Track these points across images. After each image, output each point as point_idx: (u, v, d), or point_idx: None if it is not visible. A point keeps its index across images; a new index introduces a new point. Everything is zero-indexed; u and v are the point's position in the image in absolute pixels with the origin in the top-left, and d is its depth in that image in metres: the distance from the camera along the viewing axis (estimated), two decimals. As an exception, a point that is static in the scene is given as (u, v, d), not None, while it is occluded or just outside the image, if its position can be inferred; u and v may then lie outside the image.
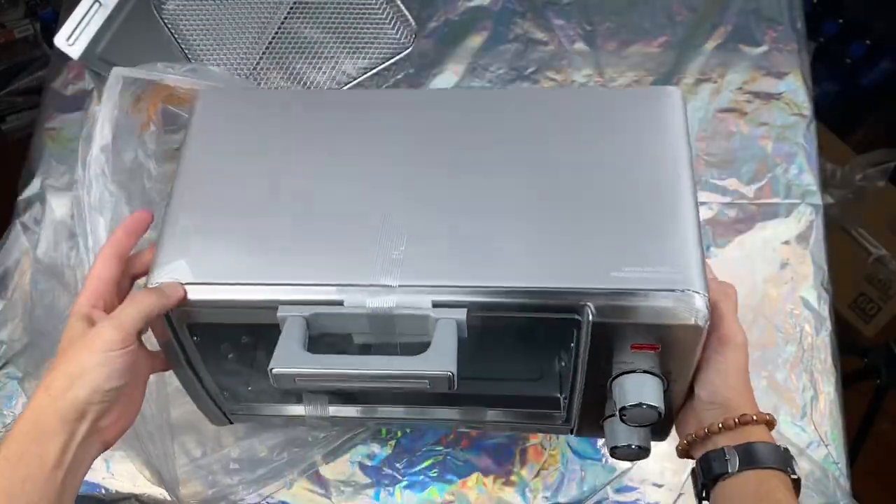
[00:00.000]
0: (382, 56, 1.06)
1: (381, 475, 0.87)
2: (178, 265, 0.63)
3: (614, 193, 0.64)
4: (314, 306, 0.60)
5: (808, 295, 0.97)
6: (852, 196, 1.67)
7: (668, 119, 0.69)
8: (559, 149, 0.68)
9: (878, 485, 1.62)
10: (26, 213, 0.98)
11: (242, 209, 0.67)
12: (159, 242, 0.65)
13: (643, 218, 0.63)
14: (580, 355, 0.63)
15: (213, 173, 0.69)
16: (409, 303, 0.60)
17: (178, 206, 0.67)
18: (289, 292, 0.61)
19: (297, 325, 0.60)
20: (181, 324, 0.64)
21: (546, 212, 0.64)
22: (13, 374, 0.90)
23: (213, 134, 0.71)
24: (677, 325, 0.59)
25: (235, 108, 0.74)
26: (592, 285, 0.59)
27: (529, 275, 0.61)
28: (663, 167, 0.66)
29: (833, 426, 0.91)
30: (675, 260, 0.60)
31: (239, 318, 0.64)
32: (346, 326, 0.61)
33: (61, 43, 1.04)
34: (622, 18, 1.14)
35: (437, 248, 0.62)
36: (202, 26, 1.05)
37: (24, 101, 1.76)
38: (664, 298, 0.58)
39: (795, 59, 1.12)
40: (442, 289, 0.60)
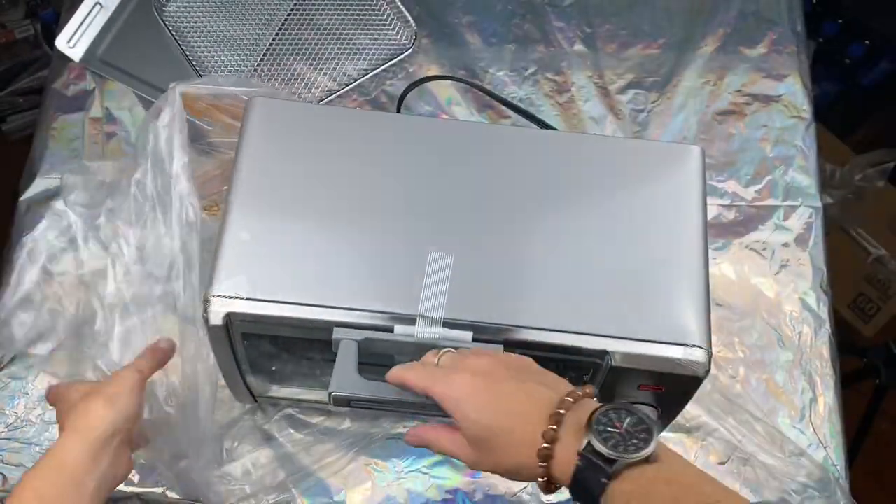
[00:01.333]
0: (383, 57, 1.06)
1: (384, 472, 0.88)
2: (238, 281, 0.67)
3: (636, 248, 0.71)
4: (367, 331, 0.66)
5: (807, 297, 0.98)
6: (852, 196, 1.67)
7: (688, 179, 0.75)
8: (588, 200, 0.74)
9: (878, 485, 1.63)
10: (28, 213, 0.98)
11: (298, 227, 0.71)
12: (217, 254, 0.68)
13: (659, 274, 0.70)
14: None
15: (267, 187, 0.72)
16: (453, 336, 0.66)
17: (236, 220, 0.70)
18: (343, 316, 0.67)
19: (351, 348, 0.65)
20: (237, 332, 0.69)
21: (575, 260, 0.70)
22: (15, 375, 0.90)
23: (267, 146, 0.74)
24: (682, 375, 0.67)
25: (287, 121, 0.76)
26: (615, 334, 0.67)
27: (561, 319, 0.68)
28: (681, 227, 0.72)
29: (832, 428, 0.92)
30: (685, 316, 0.68)
31: (291, 332, 0.69)
32: (393, 350, 0.67)
33: (62, 45, 1.04)
34: (622, 20, 1.14)
35: (479, 285, 0.68)
36: (203, 28, 1.06)
37: (24, 101, 1.76)
38: (674, 351, 0.66)
39: (795, 62, 1.12)
40: (484, 326, 0.67)
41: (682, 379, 0.68)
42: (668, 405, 0.74)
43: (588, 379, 0.70)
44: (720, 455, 0.89)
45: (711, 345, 0.68)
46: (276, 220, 0.71)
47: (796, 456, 0.89)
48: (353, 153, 0.75)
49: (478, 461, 0.59)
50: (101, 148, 1.01)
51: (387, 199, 0.73)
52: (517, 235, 0.71)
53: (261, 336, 0.71)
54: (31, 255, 0.95)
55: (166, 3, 1.06)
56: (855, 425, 1.44)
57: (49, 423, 0.87)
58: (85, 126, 1.03)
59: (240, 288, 0.67)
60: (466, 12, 1.13)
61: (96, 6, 1.06)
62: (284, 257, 0.69)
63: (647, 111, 1.08)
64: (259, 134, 0.75)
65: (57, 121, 1.03)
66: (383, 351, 0.67)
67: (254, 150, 0.74)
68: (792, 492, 0.88)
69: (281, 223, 0.71)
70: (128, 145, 1.01)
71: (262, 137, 0.74)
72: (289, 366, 0.81)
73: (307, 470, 0.87)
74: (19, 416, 0.88)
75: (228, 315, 0.67)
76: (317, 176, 0.73)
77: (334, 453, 0.88)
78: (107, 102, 1.04)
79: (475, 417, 0.57)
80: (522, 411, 0.57)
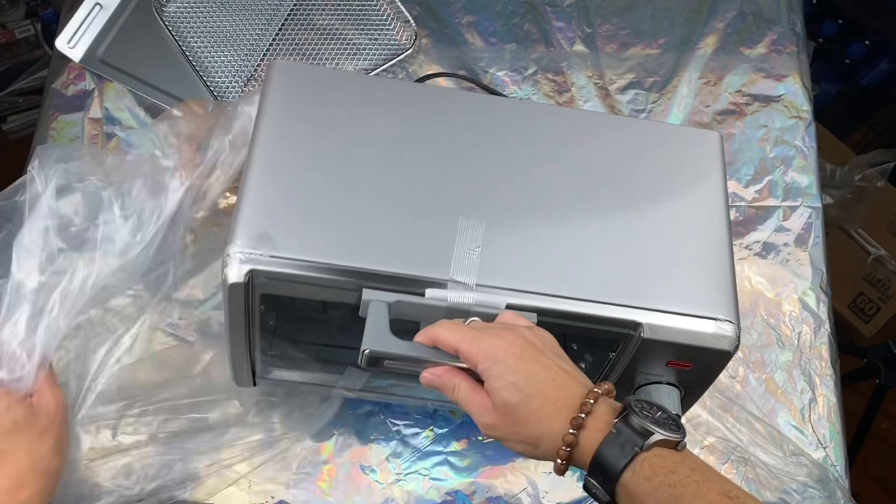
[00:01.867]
0: (383, 57, 1.07)
1: (387, 471, 0.88)
2: (261, 237, 0.63)
3: (664, 224, 0.71)
4: (397, 294, 0.63)
5: (806, 297, 0.98)
6: (851, 196, 1.67)
7: (710, 161, 0.76)
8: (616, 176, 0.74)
9: (878, 485, 1.63)
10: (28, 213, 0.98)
11: (322, 186, 0.67)
12: (238, 209, 0.65)
13: (688, 250, 0.70)
14: (618, 365, 0.70)
15: (290, 147, 0.69)
16: (486, 302, 0.64)
17: (257, 177, 0.67)
18: (373, 277, 0.64)
19: (382, 309, 0.63)
20: (257, 293, 0.65)
21: (608, 231, 0.70)
22: (14, 375, 0.90)
23: (289, 108, 0.71)
24: (712, 350, 0.67)
25: (310, 84, 0.74)
26: (648, 305, 0.66)
27: (594, 290, 0.67)
28: (705, 206, 0.73)
29: (832, 428, 0.92)
30: (715, 291, 0.68)
31: (314, 294, 0.65)
32: (422, 316, 0.64)
33: (62, 46, 1.04)
34: (622, 20, 1.14)
35: (511, 253, 0.67)
36: (203, 28, 1.06)
37: (24, 101, 1.76)
38: (705, 325, 0.66)
39: (794, 62, 1.12)
40: (517, 293, 0.65)
41: (711, 354, 0.67)
42: (693, 385, 0.72)
43: (616, 354, 0.69)
44: (720, 454, 0.89)
45: (740, 320, 0.67)
46: (301, 178, 0.68)
47: (796, 455, 0.89)
48: (380, 118, 0.72)
49: (496, 425, 0.58)
50: (100, 148, 1.01)
51: (415, 165, 0.70)
52: (548, 206, 0.70)
53: (279, 300, 0.67)
54: (31, 256, 0.95)
55: (166, 4, 1.06)
56: (855, 425, 1.44)
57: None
58: (84, 126, 1.03)
59: (264, 244, 0.63)
60: (466, 12, 1.14)
61: (96, 6, 1.06)
62: (310, 216, 0.66)
63: (646, 111, 1.08)
64: (281, 96, 0.72)
65: (56, 121, 1.03)
66: (412, 316, 0.65)
67: (275, 111, 0.71)
68: (792, 491, 0.88)
69: (306, 182, 0.67)
70: (127, 146, 1.01)
71: (284, 99, 0.72)
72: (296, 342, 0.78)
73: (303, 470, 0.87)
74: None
75: (252, 272, 0.63)
76: (342, 138, 0.70)
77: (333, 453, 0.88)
78: (106, 103, 1.04)
79: (511, 380, 0.56)
80: (555, 384, 0.57)
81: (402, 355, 0.61)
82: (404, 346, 0.61)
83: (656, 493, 0.52)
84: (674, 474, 0.53)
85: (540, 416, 0.56)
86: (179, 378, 0.86)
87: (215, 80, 1.03)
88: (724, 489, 0.53)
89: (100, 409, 0.84)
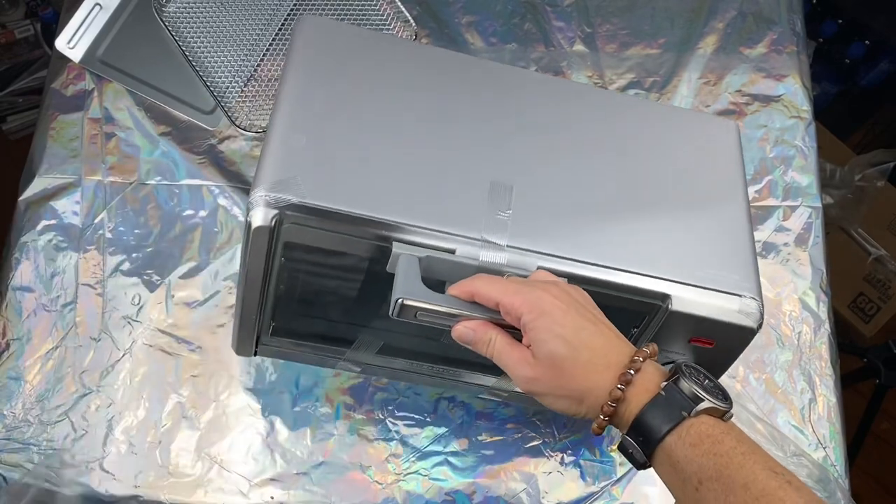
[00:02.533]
0: (382, 58, 1.07)
1: (387, 471, 0.88)
2: (289, 182, 0.61)
3: (689, 202, 0.72)
4: (428, 250, 0.62)
5: (806, 297, 0.98)
6: (851, 196, 1.67)
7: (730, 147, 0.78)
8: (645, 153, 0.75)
9: (878, 485, 1.63)
10: (27, 213, 0.98)
11: (353, 138, 0.66)
12: (263, 156, 0.63)
13: (713, 228, 0.71)
14: (640, 340, 0.69)
15: (319, 97, 0.68)
16: (518, 263, 0.64)
17: (285, 123, 0.65)
18: (405, 231, 0.63)
19: (413, 263, 0.61)
20: (281, 240, 0.63)
21: (636, 205, 0.71)
22: (13, 375, 0.90)
23: (318, 59, 0.70)
24: (737, 325, 0.67)
25: (339, 41, 0.73)
26: (677, 278, 0.67)
27: (625, 258, 0.67)
28: (727, 188, 0.75)
29: (832, 428, 0.92)
30: (740, 269, 0.69)
31: (342, 245, 0.64)
32: (452, 274, 0.63)
33: (62, 46, 1.04)
34: (622, 20, 1.14)
35: (541, 217, 0.67)
36: (203, 29, 1.06)
37: (24, 101, 1.76)
38: (731, 301, 0.67)
39: (795, 62, 1.12)
40: (549, 256, 0.65)
41: (735, 330, 0.67)
42: (714, 365, 0.71)
43: (640, 327, 0.69)
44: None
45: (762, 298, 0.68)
46: (329, 129, 0.66)
47: (797, 456, 0.89)
48: (412, 76, 0.72)
49: (538, 378, 0.56)
50: (99, 148, 1.01)
51: (447, 125, 0.70)
52: (577, 175, 0.71)
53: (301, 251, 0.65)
54: (30, 255, 0.95)
55: (166, 4, 1.06)
56: (855, 425, 1.44)
57: (47, 424, 0.87)
58: (84, 126, 1.03)
59: (291, 189, 0.61)
60: (466, 12, 1.13)
61: (96, 7, 1.06)
62: (339, 166, 0.64)
63: (646, 111, 1.08)
64: (310, 48, 0.70)
65: (56, 121, 1.03)
66: (441, 274, 0.63)
67: (304, 62, 0.69)
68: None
69: (335, 132, 0.66)
70: (127, 146, 1.01)
71: (314, 52, 0.70)
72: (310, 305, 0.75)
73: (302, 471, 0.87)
74: (17, 416, 0.88)
75: (278, 216, 0.60)
76: (373, 92, 0.69)
77: (332, 453, 0.88)
78: (106, 103, 1.04)
79: (559, 331, 0.55)
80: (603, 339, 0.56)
81: (436, 308, 0.59)
82: (439, 298, 0.59)
83: (700, 461, 0.52)
84: (720, 444, 0.52)
85: (588, 369, 0.55)
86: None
87: (215, 80, 1.03)
88: (770, 465, 0.52)
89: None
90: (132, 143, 1.01)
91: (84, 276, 0.94)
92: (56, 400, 0.88)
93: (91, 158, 1.01)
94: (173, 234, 0.97)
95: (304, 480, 0.87)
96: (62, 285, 0.94)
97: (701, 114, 0.95)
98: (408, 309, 0.59)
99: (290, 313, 0.75)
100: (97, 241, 0.96)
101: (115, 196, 0.98)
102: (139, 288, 0.94)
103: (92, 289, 0.93)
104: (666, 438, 0.53)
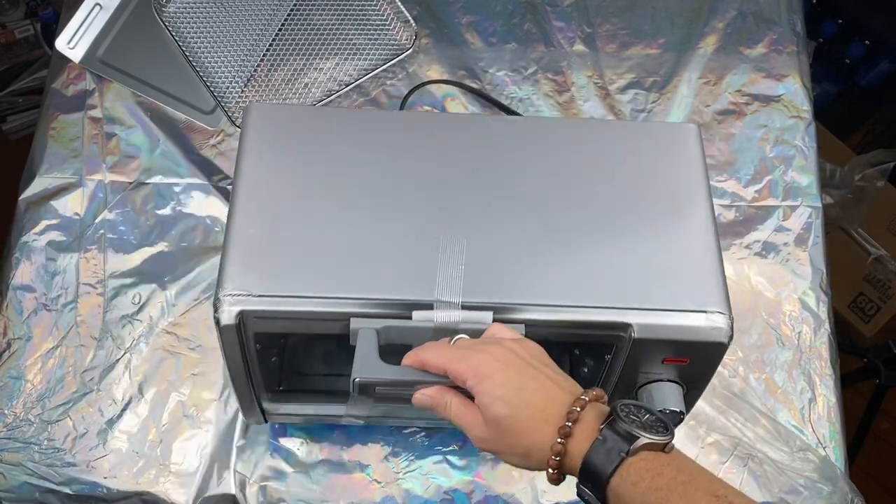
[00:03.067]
0: (383, 57, 1.07)
1: (386, 470, 0.88)
2: (248, 278, 0.65)
3: (644, 222, 0.71)
4: (385, 319, 0.65)
5: (806, 297, 0.98)
6: (851, 196, 1.67)
7: (688, 154, 0.75)
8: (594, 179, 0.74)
9: (878, 485, 1.63)
10: (28, 213, 0.98)
11: (306, 221, 0.69)
12: (225, 253, 0.67)
13: (672, 245, 0.70)
14: (615, 367, 0.70)
15: (272, 186, 0.71)
16: (473, 318, 0.65)
17: (242, 218, 0.69)
18: (360, 305, 0.65)
19: (371, 336, 0.64)
20: (250, 332, 0.67)
21: (588, 236, 0.70)
22: (14, 374, 0.90)
23: (268, 146, 0.74)
24: (706, 343, 0.66)
25: (287, 123, 0.76)
26: (636, 305, 0.66)
27: (581, 294, 0.67)
28: (686, 199, 0.73)
29: (832, 428, 0.92)
30: (702, 283, 0.68)
31: (305, 328, 0.68)
32: (412, 337, 0.65)
33: (62, 46, 1.04)
34: (622, 20, 1.14)
35: (494, 267, 0.68)
36: (203, 29, 1.06)
37: (24, 101, 1.76)
38: (696, 318, 0.66)
39: (795, 62, 1.12)
40: (503, 306, 0.65)
41: (706, 347, 0.67)
42: (694, 379, 0.72)
43: (611, 358, 0.69)
44: (725, 450, 0.89)
45: (731, 310, 0.67)
46: (283, 215, 0.70)
47: (803, 451, 0.89)
48: (354, 150, 0.74)
49: (488, 439, 0.59)
50: (100, 148, 1.01)
51: (392, 191, 0.72)
52: (528, 217, 0.71)
53: (274, 337, 0.70)
54: (31, 255, 0.95)
55: (166, 4, 1.06)
56: (855, 425, 1.44)
57: (48, 423, 0.87)
58: (84, 126, 1.03)
59: (251, 285, 0.65)
60: (466, 12, 1.14)
61: (96, 7, 1.06)
62: (294, 252, 0.68)
63: (647, 111, 1.08)
64: (259, 136, 0.74)
65: (56, 120, 1.03)
66: (401, 339, 0.66)
67: (255, 151, 0.73)
68: (800, 487, 0.88)
69: (288, 219, 0.69)
70: (127, 146, 1.01)
71: (263, 139, 0.74)
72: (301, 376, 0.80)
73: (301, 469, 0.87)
74: (18, 415, 0.88)
75: (241, 313, 0.65)
76: (320, 173, 0.72)
77: (332, 452, 0.88)
78: (106, 102, 1.04)
79: (499, 393, 0.57)
80: (543, 394, 0.57)
81: (392, 380, 0.62)
82: (394, 371, 0.62)
83: (643, 498, 0.52)
84: (660, 476, 0.53)
85: (529, 426, 0.56)
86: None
87: (215, 80, 1.03)
88: (712, 489, 0.52)
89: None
90: (133, 143, 1.02)
91: (85, 275, 0.94)
92: (57, 399, 0.88)
93: (91, 158, 1.01)
94: (174, 233, 0.97)
95: (303, 479, 0.87)
96: (63, 285, 0.94)
97: (658, 124, 0.92)
98: (366, 386, 0.62)
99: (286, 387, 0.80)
100: (98, 240, 0.96)
101: (115, 196, 0.99)
102: (140, 287, 0.94)
103: (93, 288, 0.94)
104: (611, 481, 0.54)
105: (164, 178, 1.00)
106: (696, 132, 0.77)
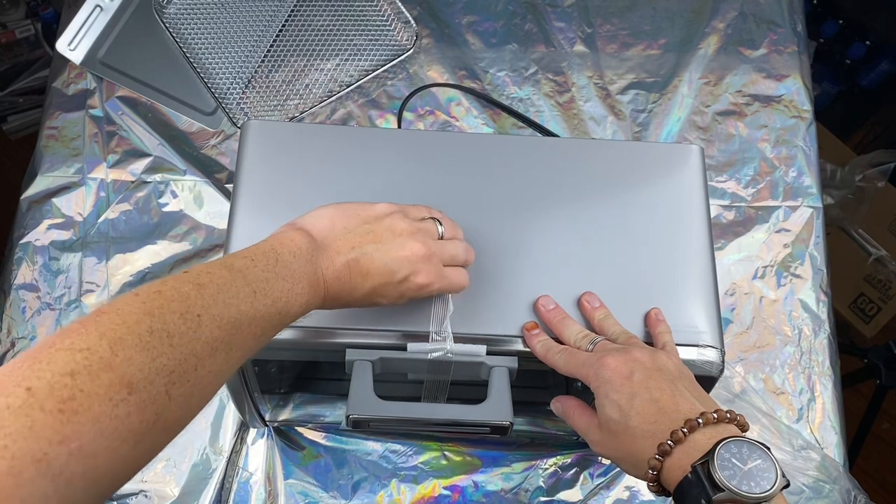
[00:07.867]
0: (384, 58, 1.07)
1: (379, 469, 0.88)
2: None
3: (644, 251, 0.71)
4: (380, 351, 0.65)
5: (806, 297, 0.98)
6: (852, 197, 1.67)
7: (690, 179, 0.75)
8: (593, 205, 0.73)
9: (878, 485, 1.63)
10: (30, 212, 0.98)
11: None
12: None
13: (669, 276, 0.70)
14: None
15: (270, 207, 0.72)
16: (466, 351, 0.65)
17: (239, 243, 0.69)
18: (356, 336, 0.66)
19: (366, 368, 0.65)
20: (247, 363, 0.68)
21: (583, 267, 0.70)
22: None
23: (265, 167, 0.74)
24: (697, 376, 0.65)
25: (284, 141, 0.75)
26: None
27: None
28: (686, 228, 0.73)
29: (831, 429, 0.92)
30: (696, 317, 0.68)
31: (301, 357, 0.69)
32: (406, 368, 0.67)
33: (63, 48, 1.04)
34: (622, 21, 1.14)
35: (488, 297, 0.68)
36: (204, 30, 1.06)
37: (25, 101, 1.76)
38: (688, 353, 0.67)
39: (795, 62, 1.12)
40: (495, 338, 0.66)
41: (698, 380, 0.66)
42: None
43: None
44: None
45: (724, 344, 0.68)
46: None
47: (804, 449, 0.89)
48: (351, 168, 0.74)
49: (601, 442, 0.60)
50: (101, 147, 1.01)
51: None
52: (523, 244, 0.71)
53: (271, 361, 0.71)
54: (33, 254, 0.95)
55: (166, 6, 1.06)
56: (855, 425, 1.44)
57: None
58: (86, 125, 1.03)
59: None
60: (467, 12, 1.14)
61: (97, 8, 1.06)
62: None
63: (647, 111, 1.08)
64: (257, 156, 0.74)
65: (58, 120, 1.04)
66: (396, 369, 0.67)
67: (253, 171, 0.73)
68: (803, 485, 0.88)
69: None
70: (128, 145, 1.02)
71: (261, 159, 0.74)
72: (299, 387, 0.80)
73: (301, 466, 0.87)
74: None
75: None
76: (318, 192, 0.72)
77: (331, 450, 0.88)
78: (108, 101, 1.04)
79: (615, 398, 0.58)
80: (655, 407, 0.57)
81: (386, 418, 0.64)
82: (387, 407, 0.64)
83: None
84: None
85: (635, 435, 0.57)
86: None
87: (216, 81, 1.04)
88: None
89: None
90: (134, 142, 1.02)
91: (87, 274, 0.94)
92: (58, 399, 0.88)
93: (93, 157, 1.01)
94: (175, 232, 0.97)
95: (303, 475, 0.87)
96: (66, 284, 0.94)
97: (661, 145, 0.90)
98: (359, 421, 0.64)
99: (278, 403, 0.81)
100: (100, 239, 0.96)
101: (117, 195, 0.99)
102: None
103: (95, 286, 0.94)
104: None
105: (165, 177, 1.00)
106: (698, 154, 0.77)
